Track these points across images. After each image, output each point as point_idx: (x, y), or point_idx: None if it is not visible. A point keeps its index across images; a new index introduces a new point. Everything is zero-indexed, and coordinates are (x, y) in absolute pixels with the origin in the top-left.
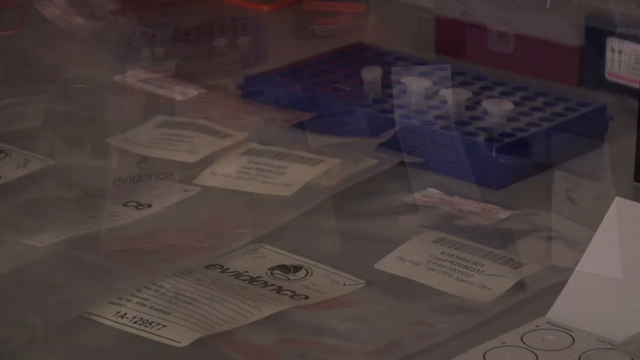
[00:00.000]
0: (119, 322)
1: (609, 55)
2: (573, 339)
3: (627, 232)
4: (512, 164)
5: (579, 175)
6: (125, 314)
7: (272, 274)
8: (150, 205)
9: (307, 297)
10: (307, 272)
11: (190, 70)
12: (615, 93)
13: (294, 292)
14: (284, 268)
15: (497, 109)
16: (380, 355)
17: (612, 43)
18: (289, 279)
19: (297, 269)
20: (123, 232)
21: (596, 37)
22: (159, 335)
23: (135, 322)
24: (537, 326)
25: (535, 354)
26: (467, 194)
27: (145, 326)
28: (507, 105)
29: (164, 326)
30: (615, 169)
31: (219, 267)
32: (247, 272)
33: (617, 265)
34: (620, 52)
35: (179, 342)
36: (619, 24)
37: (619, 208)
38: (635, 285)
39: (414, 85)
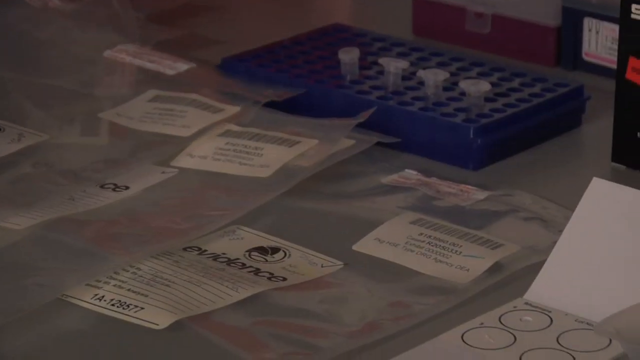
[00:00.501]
0: (96, 305)
1: (586, 35)
2: (551, 319)
3: (605, 213)
4: (490, 145)
5: (556, 155)
6: (103, 296)
7: (250, 255)
8: (127, 187)
9: (285, 279)
10: (285, 254)
11: (175, 45)
12: (592, 73)
13: (272, 273)
14: (262, 250)
15: (475, 90)
16: (358, 337)
17: (589, 23)
18: (266, 260)
19: (275, 250)
20: (100, 215)
21: (573, 17)
22: (136, 318)
23: (113, 305)
24: (515, 307)
25: (513, 335)
26: (445, 175)
27: (123, 308)
28: (484, 86)
29: (142, 308)
30: (592, 149)
31: (196, 249)
32: (224, 254)
33: (595, 245)
34: (597, 32)
35: (157, 325)
36: (595, 4)
37: (597, 188)
38: (613, 266)
39: (392, 66)
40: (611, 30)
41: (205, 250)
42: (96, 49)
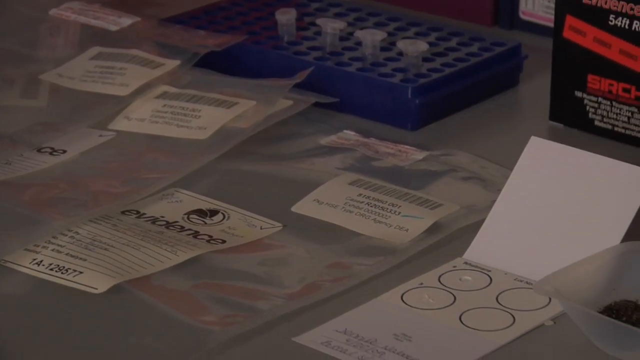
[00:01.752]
0: (35, 270)
1: None
2: (490, 278)
3: (543, 171)
4: (428, 105)
5: (494, 114)
6: (42, 261)
7: (188, 218)
8: (64, 151)
9: (224, 242)
10: (224, 216)
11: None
12: (529, 32)
13: (210, 236)
14: (201, 212)
15: (412, 50)
16: (298, 299)
17: None
18: (205, 223)
19: (213, 213)
20: (38, 179)
21: None
22: (76, 282)
23: (51, 270)
24: (454, 267)
25: (452, 295)
26: (383, 136)
27: (62, 273)
28: (422, 46)
29: (81, 273)
30: (530, 108)
31: (135, 212)
32: (163, 217)
33: (533, 204)
34: None
35: (96, 289)
36: None
37: (534, 147)
38: (552, 224)
39: (329, 27)
40: None
41: (144, 214)
42: (42, 8)
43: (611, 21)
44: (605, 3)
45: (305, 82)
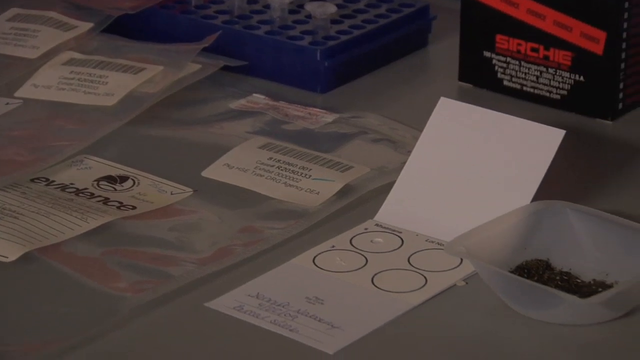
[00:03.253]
0: None
1: None
2: (402, 240)
3: (453, 132)
4: (337, 67)
5: (404, 76)
6: None
7: (98, 185)
8: None
9: (134, 208)
10: (134, 182)
11: None
12: None
13: (121, 202)
14: (110, 179)
15: (321, 12)
16: (210, 263)
17: None
18: (115, 189)
19: (123, 179)
20: None
21: None
22: None
23: None
24: (365, 229)
25: (364, 257)
26: (293, 99)
27: None
28: (330, 8)
29: None
30: (439, 69)
31: (44, 180)
32: (73, 184)
33: (443, 165)
34: None
35: (7, 257)
36: None
37: (444, 108)
38: (462, 184)
39: None
40: None
41: (53, 181)
42: None
43: None
44: None
45: (214, 47)
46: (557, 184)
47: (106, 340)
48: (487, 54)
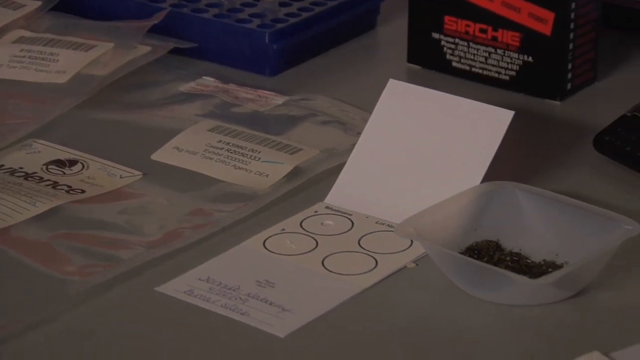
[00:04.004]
0: None
1: None
2: (352, 222)
3: (402, 114)
4: (286, 50)
5: (353, 58)
6: None
7: (47, 169)
8: None
9: (83, 191)
10: (83, 166)
11: None
12: None
13: (70, 186)
14: (59, 163)
15: None
16: (159, 246)
17: None
18: (64, 173)
19: (72, 163)
20: None
21: None
22: None
23: None
24: (315, 211)
25: (315, 239)
26: (243, 81)
27: None
28: None
29: None
30: (388, 51)
31: None
32: (22, 168)
33: (393, 147)
34: None
35: None
36: None
37: (393, 89)
38: (411, 166)
39: None
40: None
41: (2, 165)
42: None
43: None
44: None
45: (163, 30)
46: (506, 165)
47: (54, 324)
48: (435, 35)
